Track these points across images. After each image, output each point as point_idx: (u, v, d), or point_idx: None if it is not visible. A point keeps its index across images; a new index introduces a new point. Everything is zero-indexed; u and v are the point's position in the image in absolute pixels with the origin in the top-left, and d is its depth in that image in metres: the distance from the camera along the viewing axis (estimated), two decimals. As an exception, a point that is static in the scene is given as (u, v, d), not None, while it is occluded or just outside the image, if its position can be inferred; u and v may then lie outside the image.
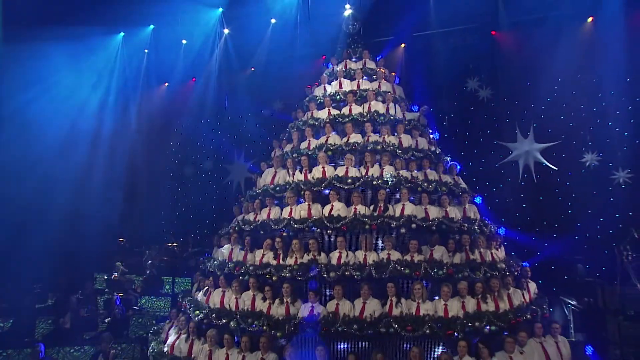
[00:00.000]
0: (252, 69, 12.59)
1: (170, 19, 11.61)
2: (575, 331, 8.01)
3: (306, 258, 6.30)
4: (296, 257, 6.37)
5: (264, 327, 5.62)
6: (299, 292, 6.08)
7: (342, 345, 5.45)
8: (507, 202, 10.60)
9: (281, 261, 6.40)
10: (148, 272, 11.10)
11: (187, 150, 13.35)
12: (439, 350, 5.28)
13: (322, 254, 6.30)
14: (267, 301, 6.09)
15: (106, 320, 8.27)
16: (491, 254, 6.80)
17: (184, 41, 12.02)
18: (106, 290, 10.36)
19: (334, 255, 6.30)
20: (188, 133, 13.30)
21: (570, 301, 8.41)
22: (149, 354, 6.81)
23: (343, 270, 5.88)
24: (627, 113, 10.00)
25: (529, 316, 6.05)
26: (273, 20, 11.38)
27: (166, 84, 13.40)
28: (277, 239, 6.53)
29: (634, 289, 7.10)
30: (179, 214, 12.99)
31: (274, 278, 6.12)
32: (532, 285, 6.97)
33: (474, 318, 5.52)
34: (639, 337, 6.71)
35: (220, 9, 11.40)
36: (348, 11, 9.77)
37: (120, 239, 12.61)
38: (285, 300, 5.97)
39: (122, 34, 12.04)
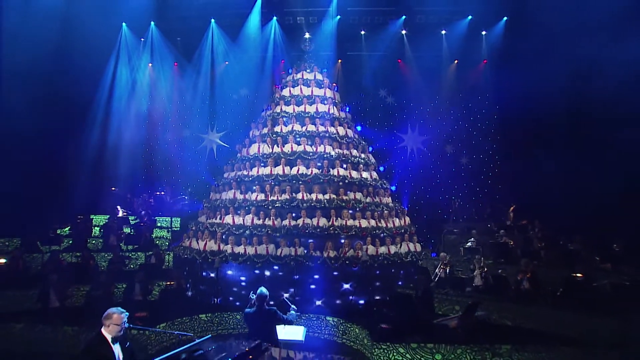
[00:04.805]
0: (226, 63, 16.43)
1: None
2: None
3: (284, 197, 10.99)
4: (277, 195, 11.05)
5: (269, 232, 10.29)
6: (279, 215, 10.81)
7: (310, 240, 10.37)
8: (400, 173, 16.38)
9: (269, 198, 11.03)
10: (143, 212, 14.77)
11: (172, 119, 16.90)
12: (358, 243, 10.45)
13: (295, 194, 11.05)
14: (266, 219, 10.69)
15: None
16: (387, 198, 12.18)
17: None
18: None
19: (299, 195, 11.08)
20: (175, 107, 16.85)
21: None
22: (186, 255, 10.94)
23: (311, 203, 10.73)
24: (477, 120, 16.20)
25: (402, 231, 11.54)
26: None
27: (150, 64, 16.58)
28: (267, 186, 11.12)
29: (457, 224, 13.21)
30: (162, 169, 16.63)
31: (270, 207, 10.74)
32: (407, 218, 12.51)
33: (376, 228, 10.81)
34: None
35: (213, 20, 15.11)
36: (307, 35, 14.21)
37: (113, 188, 15.87)
38: (272, 218, 10.66)
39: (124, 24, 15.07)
